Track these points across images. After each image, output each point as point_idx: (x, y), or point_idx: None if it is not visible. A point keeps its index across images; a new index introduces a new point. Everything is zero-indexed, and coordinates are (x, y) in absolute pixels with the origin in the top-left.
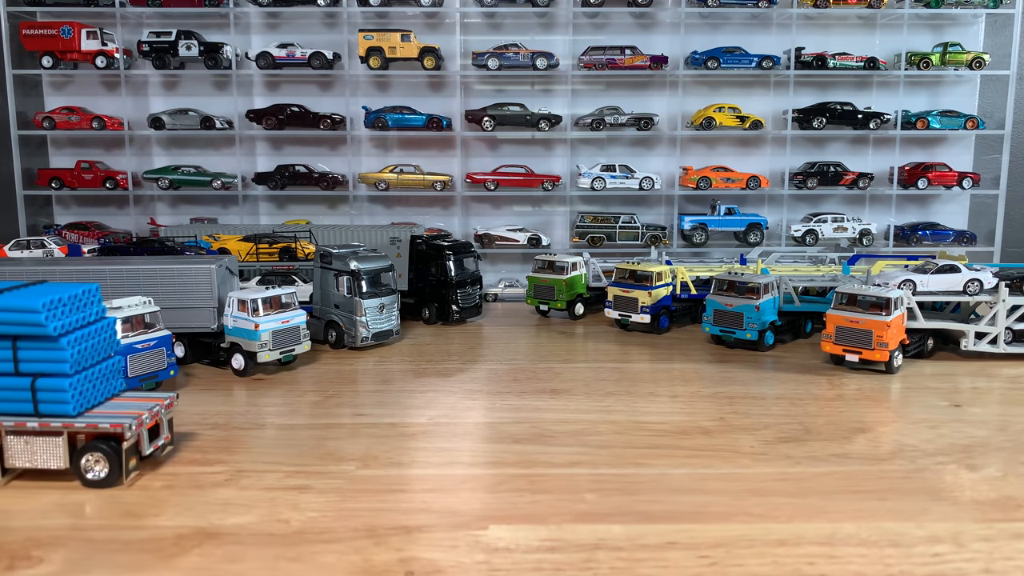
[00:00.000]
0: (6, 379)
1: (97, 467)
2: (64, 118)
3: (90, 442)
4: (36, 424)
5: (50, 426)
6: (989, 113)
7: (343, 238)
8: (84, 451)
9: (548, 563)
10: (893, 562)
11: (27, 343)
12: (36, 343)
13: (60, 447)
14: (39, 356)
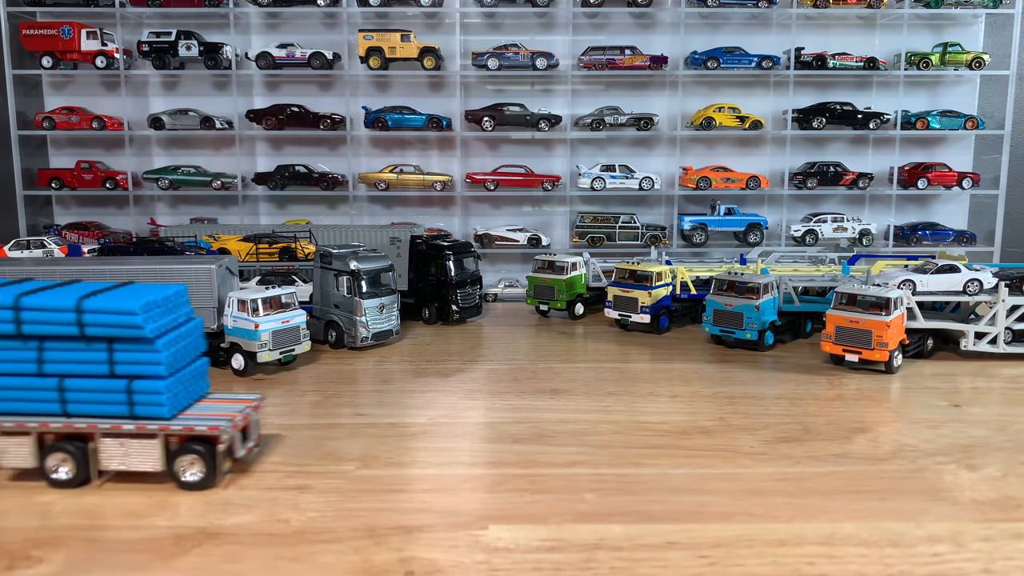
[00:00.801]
0: (101, 381)
1: (192, 469)
2: (64, 118)
3: (183, 444)
4: (132, 426)
5: (146, 428)
6: (989, 113)
7: (343, 238)
8: (179, 453)
9: (548, 563)
10: (893, 562)
11: (123, 345)
12: (132, 345)
13: (156, 449)
14: (134, 358)
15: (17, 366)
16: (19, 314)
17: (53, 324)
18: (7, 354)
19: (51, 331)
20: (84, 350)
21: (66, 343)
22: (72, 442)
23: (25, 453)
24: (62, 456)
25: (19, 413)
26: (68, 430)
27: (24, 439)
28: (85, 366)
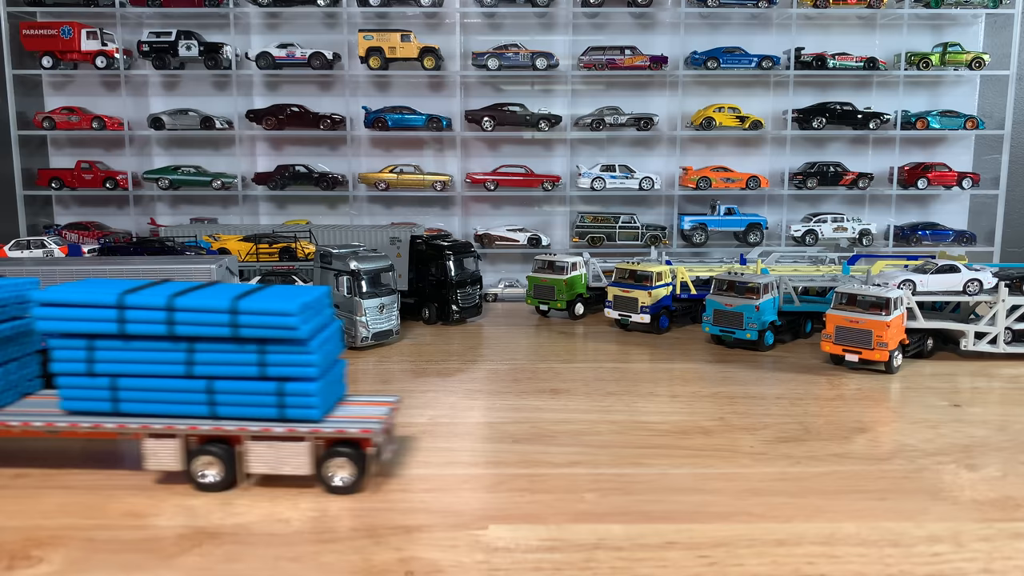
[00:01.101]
0: (252, 383)
1: (342, 473)
2: (64, 118)
3: (331, 447)
4: (282, 429)
5: (297, 431)
6: (989, 113)
7: (343, 238)
8: (328, 457)
9: (548, 563)
10: (893, 562)
11: (275, 347)
12: (284, 347)
13: (305, 453)
14: (286, 360)
15: (166, 367)
16: (173, 315)
17: (206, 325)
18: (157, 355)
19: (203, 332)
20: (235, 351)
21: (217, 344)
22: (219, 445)
23: (172, 456)
24: (209, 459)
25: (166, 415)
26: (217, 433)
27: (171, 441)
28: (235, 368)
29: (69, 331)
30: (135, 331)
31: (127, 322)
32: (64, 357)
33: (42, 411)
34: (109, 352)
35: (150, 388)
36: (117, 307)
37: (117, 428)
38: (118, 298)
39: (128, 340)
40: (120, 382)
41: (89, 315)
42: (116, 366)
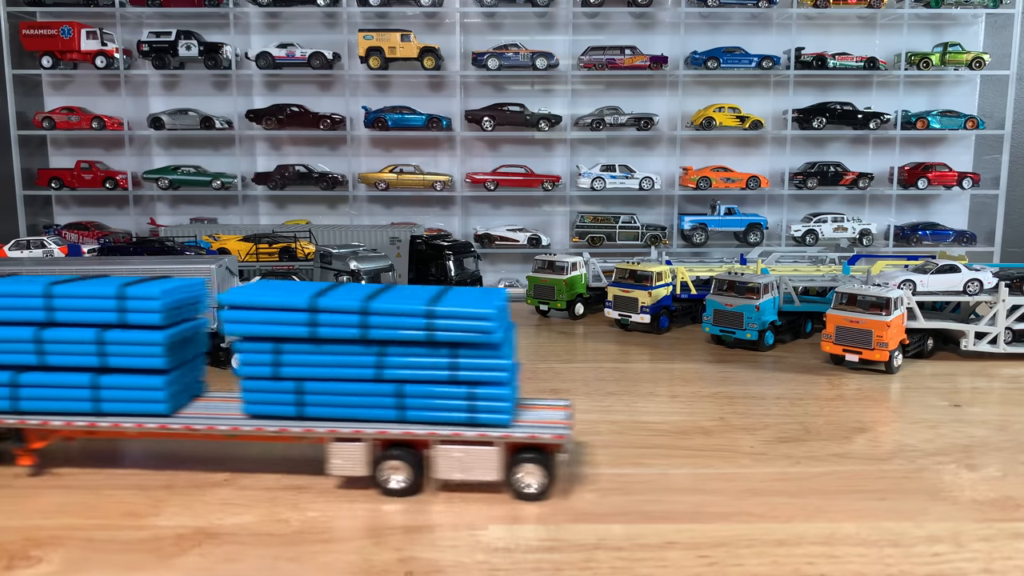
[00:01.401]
0: (443, 387)
1: (531, 479)
2: (64, 118)
3: (518, 453)
4: (473, 434)
5: (487, 436)
6: (989, 113)
7: (343, 238)
8: (516, 462)
9: (548, 563)
10: (893, 562)
11: (468, 350)
12: (478, 350)
13: (495, 458)
14: (478, 364)
15: (356, 371)
16: (367, 319)
17: (401, 329)
18: (347, 358)
19: (397, 336)
20: (427, 355)
21: (408, 347)
22: (404, 449)
23: (358, 461)
24: (395, 464)
25: (352, 419)
26: (407, 437)
27: (357, 446)
28: (426, 371)
29: (257, 334)
30: (327, 334)
31: (319, 325)
32: (250, 360)
33: (221, 414)
34: (297, 355)
35: (337, 392)
36: (309, 310)
37: (303, 432)
38: (310, 301)
39: (318, 343)
40: (306, 386)
41: (279, 318)
42: (303, 369)
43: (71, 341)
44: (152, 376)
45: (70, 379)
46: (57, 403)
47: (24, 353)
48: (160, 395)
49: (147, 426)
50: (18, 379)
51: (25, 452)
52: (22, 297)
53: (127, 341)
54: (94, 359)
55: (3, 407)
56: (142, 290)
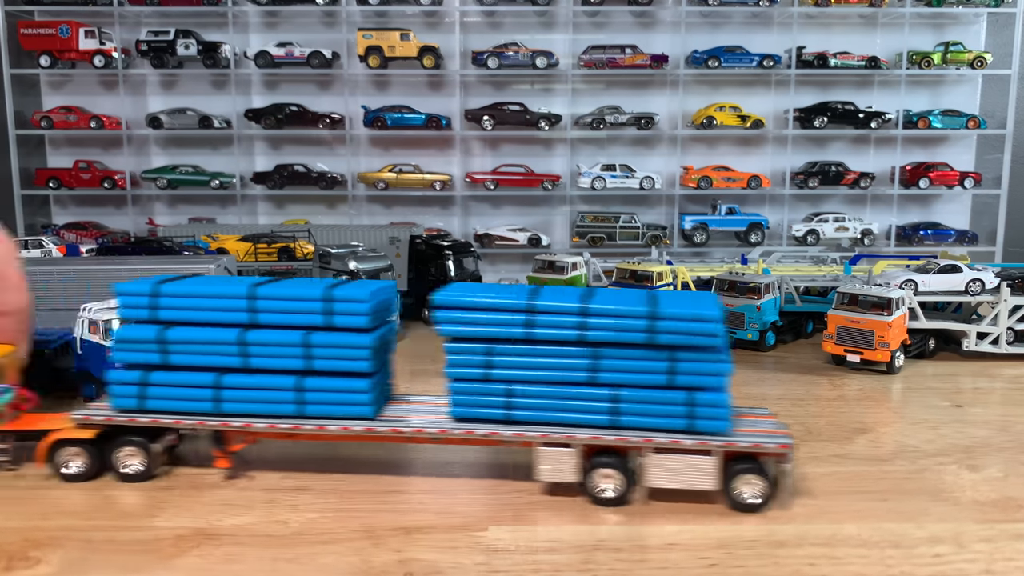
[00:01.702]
0: (660, 392)
1: (752, 489)
2: (62, 117)
3: (732, 462)
4: (692, 442)
5: (707, 444)
6: (991, 112)
7: (342, 238)
8: (734, 472)
9: (547, 564)
10: (894, 563)
11: (688, 354)
12: (699, 354)
13: (712, 467)
14: (697, 368)
15: (569, 374)
16: (586, 320)
17: (621, 331)
18: (561, 361)
19: (616, 338)
20: (645, 358)
21: (625, 350)
22: (615, 456)
23: (568, 467)
24: (607, 472)
25: (561, 424)
26: (621, 444)
27: (568, 452)
28: (642, 376)
29: (469, 335)
30: (543, 335)
31: (536, 326)
32: (460, 362)
33: (423, 416)
34: (509, 357)
35: (549, 395)
36: (527, 311)
37: (513, 437)
38: (528, 301)
39: (532, 344)
40: (516, 388)
41: (494, 319)
42: (515, 372)
43: (277, 343)
44: (358, 379)
45: (274, 381)
46: (260, 405)
47: (228, 355)
48: (366, 398)
49: (353, 429)
50: (221, 381)
51: (223, 455)
52: (227, 299)
53: (334, 344)
54: (300, 362)
55: (206, 409)
56: (350, 292)
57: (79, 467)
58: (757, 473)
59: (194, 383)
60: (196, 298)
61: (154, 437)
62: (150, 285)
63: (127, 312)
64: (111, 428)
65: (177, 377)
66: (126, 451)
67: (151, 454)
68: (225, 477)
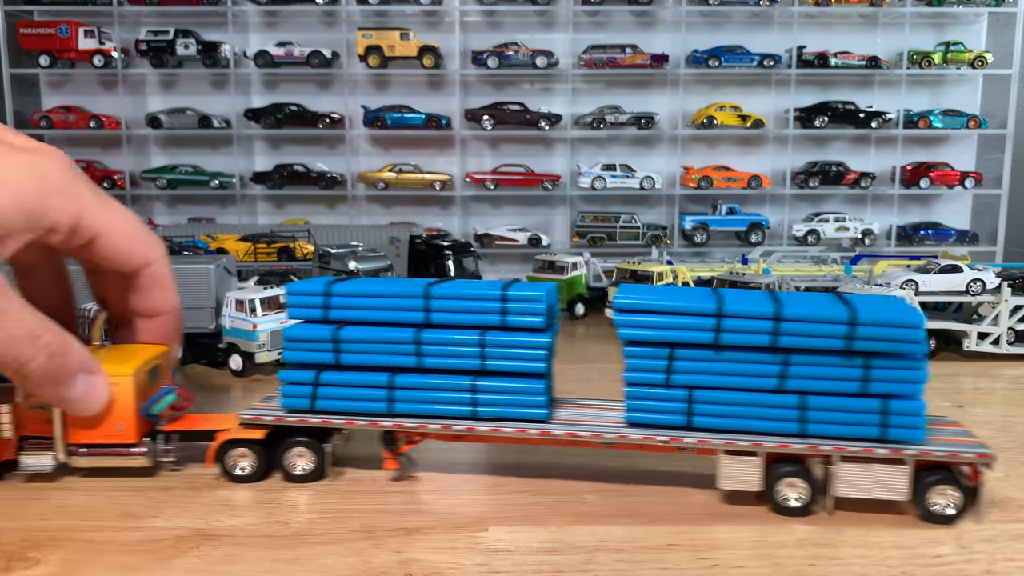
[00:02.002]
0: (852, 400)
1: (946, 500)
2: (61, 117)
3: (922, 471)
4: (886, 451)
5: (902, 453)
6: (991, 112)
7: (342, 238)
8: (927, 483)
9: (548, 565)
10: (894, 563)
11: (883, 361)
12: (892, 361)
13: (904, 477)
14: (893, 376)
15: (757, 380)
16: (779, 325)
17: (818, 337)
18: (750, 367)
19: (811, 344)
20: (837, 365)
21: (818, 356)
22: (799, 465)
23: (752, 475)
24: (794, 481)
25: (748, 431)
26: (810, 452)
27: (752, 460)
28: (835, 383)
29: (652, 339)
30: (731, 341)
31: (724, 331)
32: (640, 366)
33: (596, 421)
34: (693, 362)
35: (734, 402)
36: (716, 315)
37: (696, 444)
38: (718, 305)
39: (718, 350)
40: (697, 394)
41: (680, 323)
42: (698, 377)
43: (453, 343)
44: (533, 380)
45: (449, 382)
46: (434, 406)
47: (403, 355)
48: (541, 400)
49: (530, 432)
50: (395, 381)
51: (392, 456)
52: (403, 298)
53: (511, 344)
54: (475, 362)
55: (378, 409)
56: (525, 291)
57: (245, 468)
58: (951, 483)
59: (367, 383)
60: (371, 297)
61: (324, 437)
62: (322, 284)
63: (297, 311)
64: (279, 428)
65: (349, 377)
66: (296, 452)
67: (322, 454)
68: (392, 479)
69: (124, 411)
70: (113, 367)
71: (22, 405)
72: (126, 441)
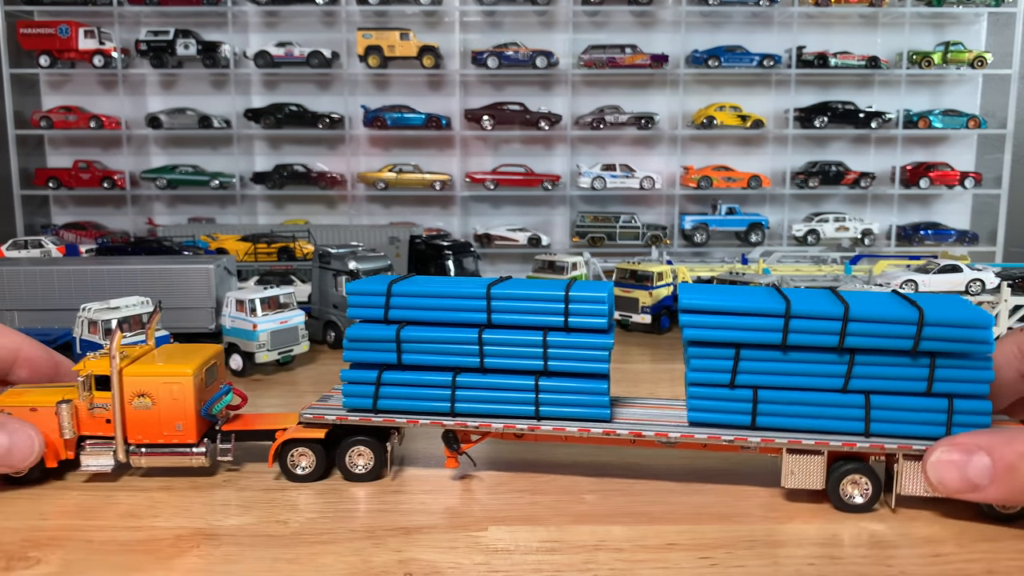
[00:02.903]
0: (918, 399)
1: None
2: (61, 117)
3: None
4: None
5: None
6: (991, 112)
7: (342, 238)
8: None
9: (548, 564)
10: (894, 563)
11: (947, 360)
12: (958, 360)
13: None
14: (957, 375)
15: (822, 380)
16: (848, 326)
17: (887, 337)
18: (816, 367)
19: (879, 344)
20: (904, 365)
21: (884, 356)
22: (860, 463)
23: (815, 474)
24: (855, 478)
25: (812, 431)
26: (876, 451)
27: (815, 459)
28: (901, 382)
29: (717, 339)
30: (799, 341)
31: (793, 332)
32: (704, 366)
33: (657, 420)
34: (758, 362)
35: (798, 402)
36: (784, 316)
37: (760, 443)
38: (787, 306)
39: (785, 350)
40: (763, 394)
41: (748, 323)
42: (763, 377)
43: (517, 343)
44: (596, 381)
45: (512, 382)
46: (497, 406)
47: (466, 355)
48: (604, 400)
49: (593, 432)
50: (458, 381)
51: (454, 455)
52: (466, 298)
53: (574, 344)
54: (539, 362)
55: (441, 409)
56: (589, 291)
57: (306, 467)
58: None
59: (430, 383)
60: (433, 298)
61: (384, 436)
62: (384, 284)
63: (357, 311)
64: (339, 428)
65: (412, 377)
66: (356, 451)
67: (382, 453)
68: (453, 478)
69: (184, 411)
70: (173, 367)
71: (81, 406)
72: (186, 441)
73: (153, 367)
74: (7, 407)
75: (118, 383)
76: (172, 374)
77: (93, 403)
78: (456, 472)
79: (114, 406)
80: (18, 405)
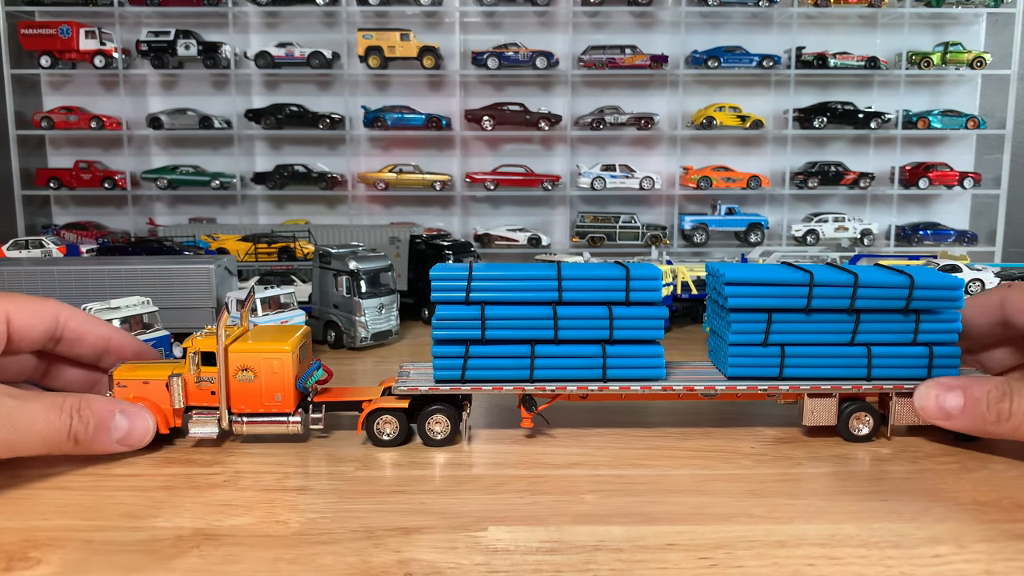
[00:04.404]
0: (905, 348)
1: None
2: (62, 118)
3: None
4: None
5: None
6: (990, 113)
7: (342, 238)
8: None
9: (547, 564)
10: (894, 563)
11: (928, 316)
12: (936, 315)
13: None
14: (935, 328)
15: (836, 336)
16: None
17: (886, 299)
18: (830, 326)
19: (879, 306)
20: (897, 321)
21: (882, 315)
22: (863, 403)
23: (828, 413)
24: (860, 415)
25: (827, 378)
26: (877, 391)
27: (829, 401)
28: (894, 335)
29: (754, 306)
30: (820, 305)
31: (815, 298)
32: (743, 329)
33: (704, 377)
34: (786, 324)
35: (816, 355)
36: (808, 285)
37: (788, 389)
38: (810, 277)
39: (808, 313)
40: (788, 350)
41: (780, 292)
42: (791, 335)
43: (586, 317)
44: (653, 346)
45: (582, 350)
46: (569, 371)
47: (543, 329)
48: (660, 361)
49: (653, 389)
50: (536, 351)
51: (530, 415)
52: (540, 280)
53: (635, 316)
54: (605, 332)
55: (521, 376)
56: (644, 271)
57: (391, 434)
58: None
59: (512, 354)
60: (512, 280)
61: (459, 406)
62: (464, 270)
63: (441, 295)
64: (419, 398)
65: (496, 349)
66: (435, 419)
67: (458, 420)
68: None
69: (283, 383)
70: (273, 344)
71: (189, 379)
72: (284, 411)
73: (255, 344)
74: (123, 380)
75: (224, 359)
76: (273, 350)
77: (200, 377)
78: (456, 472)
79: (219, 379)
80: (133, 379)
